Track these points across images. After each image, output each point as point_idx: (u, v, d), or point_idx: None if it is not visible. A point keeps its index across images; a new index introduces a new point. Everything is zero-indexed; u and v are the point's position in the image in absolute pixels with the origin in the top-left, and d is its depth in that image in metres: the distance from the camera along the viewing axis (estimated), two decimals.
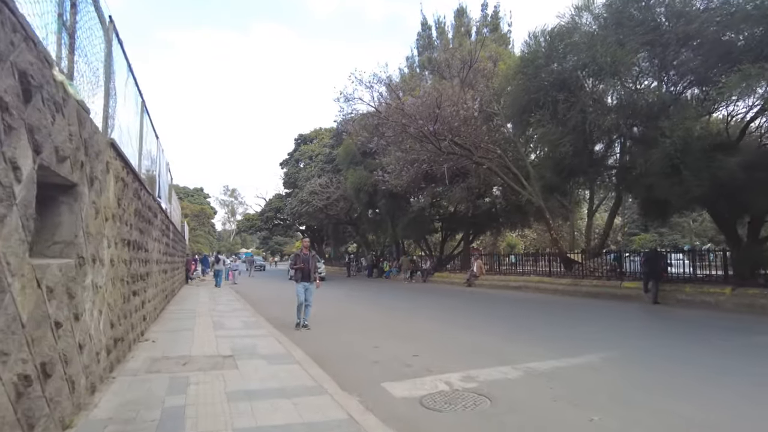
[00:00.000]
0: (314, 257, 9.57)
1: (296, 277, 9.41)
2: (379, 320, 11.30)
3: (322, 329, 9.53)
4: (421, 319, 11.43)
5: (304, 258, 9.39)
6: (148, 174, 9.71)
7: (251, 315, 10.96)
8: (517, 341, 8.27)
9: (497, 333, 9.26)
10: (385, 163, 24.24)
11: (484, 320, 11.39)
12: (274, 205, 54.47)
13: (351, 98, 17.68)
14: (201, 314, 10.81)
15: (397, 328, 9.77)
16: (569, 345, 7.78)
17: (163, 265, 11.08)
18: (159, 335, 7.69)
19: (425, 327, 10.09)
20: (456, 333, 9.16)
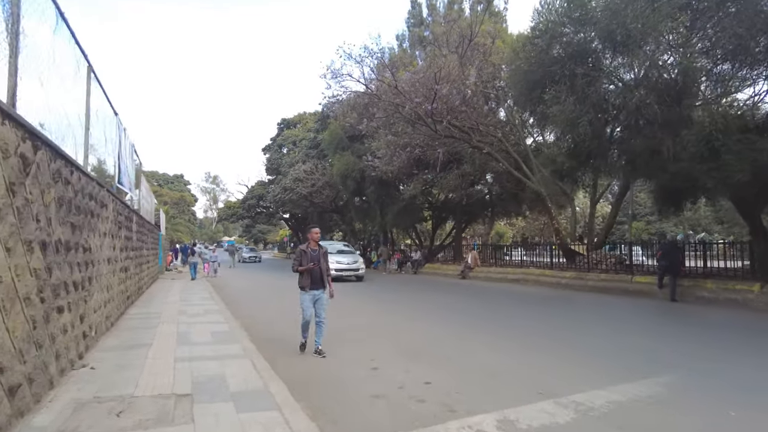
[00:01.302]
0: (326, 254, 7.05)
1: (302, 282, 6.78)
2: (373, 323, 9.85)
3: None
4: (420, 322, 10.01)
5: (313, 255, 6.82)
6: (99, 158, 8.07)
7: (226, 320, 9.41)
8: (543, 354, 6.89)
9: (515, 341, 7.88)
10: (374, 147, 22.69)
11: (493, 322, 10.00)
12: (256, 192, 52.61)
13: (339, 75, 16.04)
14: (166, 320, 9.24)
15: (397, 336, 8.33)
16: (611, 362, 6.41)
17: (122, 263, 9.46)
18: (104, 356, 6.13)
19: (429, 333, 8.66)
20: (467, 343, 7.75)
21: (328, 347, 7.06)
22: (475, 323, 10.04)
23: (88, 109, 7.57)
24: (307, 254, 6.82)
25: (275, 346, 7.56)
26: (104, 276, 7.37)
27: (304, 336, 7.06)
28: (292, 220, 57.80)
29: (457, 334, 8.57)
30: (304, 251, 6.84)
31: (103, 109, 9.11)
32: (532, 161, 19.06)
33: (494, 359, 6.66)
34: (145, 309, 11.03)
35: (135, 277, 11.96)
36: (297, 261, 6.82)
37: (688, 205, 14.60)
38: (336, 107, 25.24)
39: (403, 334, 8.61)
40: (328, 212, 45.02)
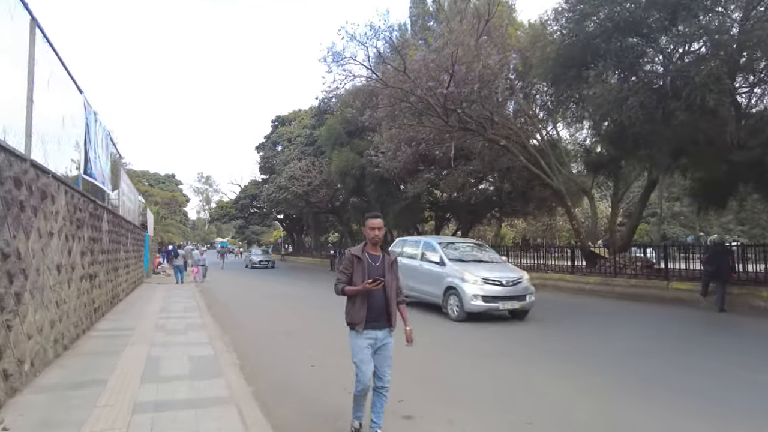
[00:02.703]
0: (394, 264, 4.06)
1: (353, 316, 3.89)
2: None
3: (317, 370, 6.40)
4: (447, 344, 8.36)
5: (373, 266, 3.88)
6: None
7: (210, 340, 7.73)
8: (622, 396, 5.23)
9: (592, 378, 6.21)
10: (376, 142, 21.05)
11: (540, 341, 8.36)
12: (249, 192, 50.85)
13: (341, 58, 14.40)
14: (137, 339, 7.55)
15: (422, 364, 6.67)
16: (724, 407, 4.83)
17: (84, 270, 7.77)
18: (35, 402, 4.46)
19: (463, 363, 7.02)
20: (522, 378, 6.12)
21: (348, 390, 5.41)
22: (513, 340, 8.43)
23: (32, 75, 5.90)
24: (364, 264, 3.81)
25: (274, 378, 5.91)
26: (50, 289, 5.67)
27: (356, 415, 4.04)
28: (287, 221, 56.09)
29: (500, 359, 6.95)
30: (358, 258, 3.83)
31: (60, 82, 7.45)
32: (549, 156, 17.51)
33: (579, 406, 5.03)
34: (116, 323, 9.33)
35: (107, 285, 10.26)
36: (344, 274, 3.87)
37: (680, 206, 12.98)
38: (335, 99, 23.63)
39: (429, 363, 6.96)
40: (324, 212, 43.36)
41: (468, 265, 10.69)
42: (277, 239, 73.55)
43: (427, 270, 11.28)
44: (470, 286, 9.93)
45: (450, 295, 10.33)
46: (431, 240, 12.20)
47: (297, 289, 19.06)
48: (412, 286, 11.33)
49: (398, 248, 12.90)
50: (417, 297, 11.60)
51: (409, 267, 11.68)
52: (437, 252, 11.21)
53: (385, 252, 4.01)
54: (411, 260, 11.90)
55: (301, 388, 5.57)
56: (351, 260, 3.88)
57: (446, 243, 11.91)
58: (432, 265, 11.21)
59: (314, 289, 18.73)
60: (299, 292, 17.85)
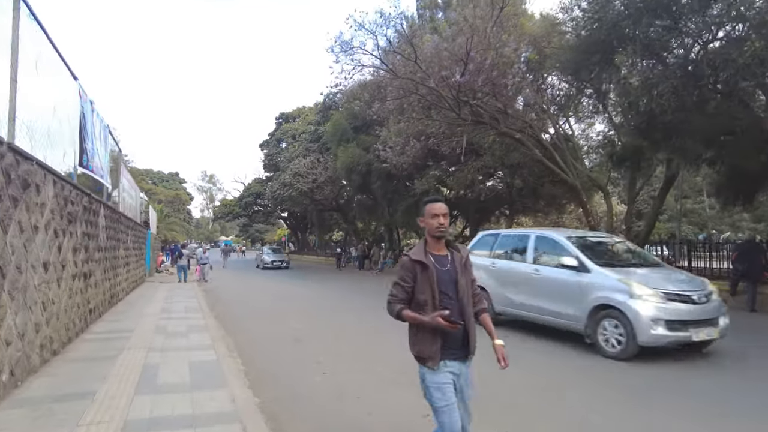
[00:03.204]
0: (467, 264, 2.87)
1: (421, 346, 2.72)
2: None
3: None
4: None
5: (443, 272, 2.72)
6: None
7: (212, 343, 7.16)
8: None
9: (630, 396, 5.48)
10: (383, 137, 20.44)
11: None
12: (253, 189, 50.34)
13: (349, 47, 13.80)
14: (135, 343, 7.00)
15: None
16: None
17: (77, 269, 7.22)
18: (14, 418, 3.91)
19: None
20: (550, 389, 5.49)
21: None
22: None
23: (15, 54, 5.35)
24: (431, 272, 2.69)
25: (282, 387, 5.34)
26: (35, 288, 5.12)
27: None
28: (291, 219, 55.56)
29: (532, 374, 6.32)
30: (423, 266, 2.70)
31: (51, 67, 6.90)
32: (564, 150, 16.88)
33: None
34: (114, 324, 8.80)
35: (104, 284, 9.71)
36: (401, 288, 2.73)
37: (688, 203, 12.30)
38: (341, 93, 23.04)
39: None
40: (328, 210, 42.81)
41: (628, 272, 7.25)
42: (281, 237, 73.08)
43: (552, 279, 7.77)
44: (644, 304, 6.57)
45: (604, 318, 6.89)
46: (554, 234, 8.50)
47: (303, 288, 18.50)
48: (519, 301, 8.35)
49: (484, 246, 9.69)
50: (526, 316, 8.30)
51: (510, 273, 8.68)
52: (570, 252, 7.65)
53: (452, 249, 2.83)
54: (513, 263, 8.73)
55: (313, 399, 5.01)
56: (412, 269, 2.69)
57: (577, 238, 8.26)
58: (561, 271, 7.63)
59: (321, 289, 18.20)
60: (305, 291, 17.29)
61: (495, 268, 8.95)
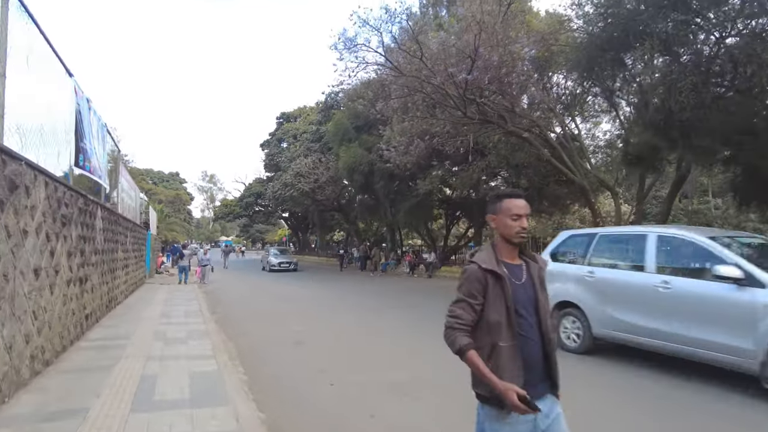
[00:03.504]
0: (542, 276, 2.24)
1: (488, 390, 2.01)
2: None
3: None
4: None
5: (515, 287, 2.12)
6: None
7: (213, 351, 6.84)
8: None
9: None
10: (387, 137, 20.14)
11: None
12: (254, 189, 50.09)
13: (353, 44, 13.47)
14: (132, 351, 6.67)
15: None
16: None
17: (72, 273, 6.91)
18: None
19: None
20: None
21: None
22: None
23: (3, 45, 5.03)
24: (505, 285, 2.08)
25: (288, 401, 5.02)
26: (24, 297, 4.80)
27: None
28: (292, 219, 55.29)
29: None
30: (496, 276, 2.09)
31: (44, 62, 6.58)
32: (571, 150, 16.58)
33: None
34: (111, 330, 8.47)
35: (101, 289, 9.39)
36: (468, 306, 2.08)
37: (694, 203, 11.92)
38: (343, 93, 22.72)
39: None
40: (329, 211, 42.51)
41: None
42: (282, 238, 72.78)
43: (696, 295, 5.79)
44: None
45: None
46: (689, 233, 6.35)
47: (304, 290, 18.16)
48: (635, 324, 6.33)
49: (573, 250, 7.74)
50: (647, 344, 6.27)
51: (619, 286, 6.73)
52: (726, 258, 5.64)
53: (526, 257, 2.24)
54: (623, 273, 6.81)
55: (322, 414, 4.69)
56: (483, 280, 2.07)
57: (728, 238, 6.32)
58: (710, 284, 5.66)
59: (323, 291, 17.86)
60: (307, 293, 16.94)
61: (594, 278, 6.98)
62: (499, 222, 2.19)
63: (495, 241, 2.25)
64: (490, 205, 2.27)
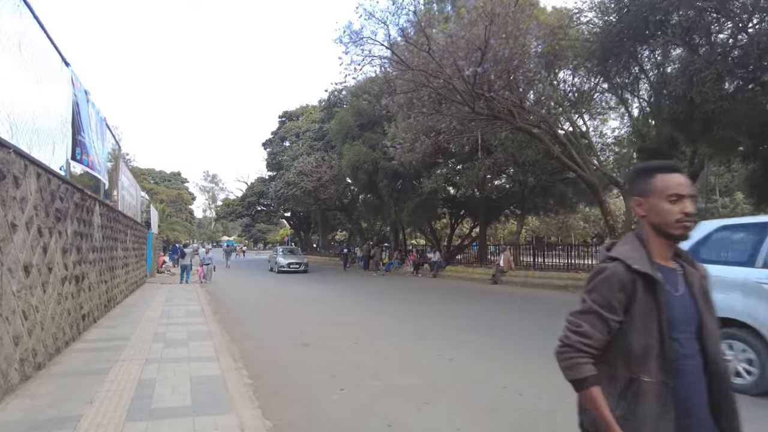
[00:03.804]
0: (705, 286, 1.61)
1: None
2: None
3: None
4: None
5: (672, 302, 1.50)
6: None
7: (215, 354, 6.48)
8: None
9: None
10: (392, 134, 19.77)
11: None
12: (256, 189, 49.72)
13: (359, 38, 13.10)
14: (129, 354, 6.33)
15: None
16: None
17: (68, 272, 6.57)
18: None
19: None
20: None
21: None
22: None
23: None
24: (662, 296, 1.49)
25: (296, 407, 4.66)
26: (13, 295, 4.45)
27: None
28: (294, 219, 54.93)
29: None
30: (648, 281, 1.50)
31: (38, 51, 6.24)
32: (580, 147, 16.23)
33: None
34: (109, 331, 8.12)
35: (99, 288, 9.06)
36: (603, 318, 1.49)
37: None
38: (348, 89, 22.38)
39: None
40: (332, 210, 42.16)
41: None
42: (284, 237, 72.44)
43: None
44: None
45: None
46: None
47: (308, 289, 17.80)
48: None
49: (733, 248, 5.64)
50: None
51: None
52: None
53: (683, 259, 1.65)
54: None
55: (334, 423, 4.33)
56: (627, 287, 1.50)
57: None
58: None
59: (327, 290, 17.48)
60: (311, 293, 16.58)
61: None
62: (649, 206, 1.57)
63: (641, 232, 1.62)
64: (634, 184, 1.65)
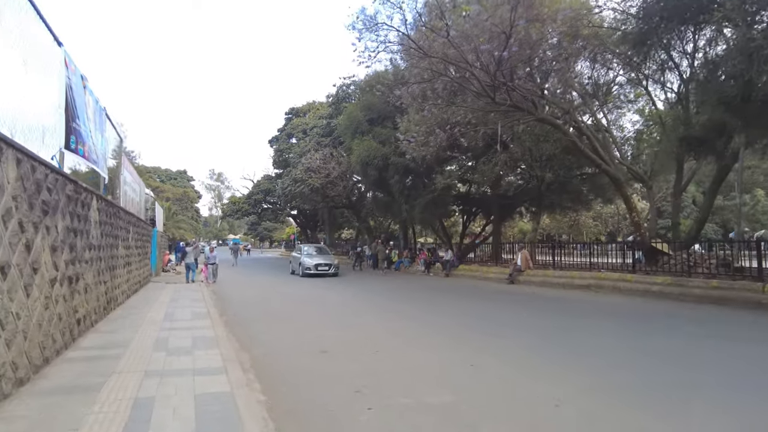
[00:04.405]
0: None
1: None
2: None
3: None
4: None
5: None
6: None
7: (223, 365, 5.77)
8: None
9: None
10: (404, 127, 19.00)
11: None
12: (263, 186, 49.11)
13: (374, 23, 12.32)
14: (127, 365, 5.63)
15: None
16: None
17: (59, 272, 5.87)
18: None
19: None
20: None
21: None
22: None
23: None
24: None
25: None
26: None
27: None
28: (301, 217, 54.26)
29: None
30: None
31: (22, 21, 5.54)
32: (606, 140, 15.44)
33: None
34: (107, 336, 7.43)
35: (98, 289, 8.37)
36: None
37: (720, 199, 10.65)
38: (358, 81, 21.66)
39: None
40: (339, 208, 41.43)
41: None
42: (290, 236, 71.81)
43: None
44: None
45: None
46: None
47: (319, 289, 17.06)
48: None
49: None
50: None
51: None
52: None
53: None
54: None
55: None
56: None
57: None
58: None
59: (338, 290, 16.66)
60: (322, 292, 15.83)
61: None
62: None
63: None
64: None
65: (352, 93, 31.31)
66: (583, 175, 22.20)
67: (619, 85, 19.70)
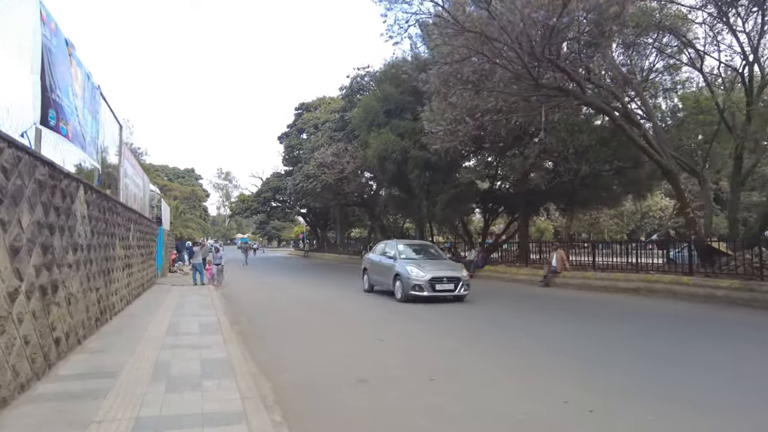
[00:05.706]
0: None
1: None
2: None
3: None
4: None
5: None
6: None
7: (241, 403, 4.32)
8: None
9: None
10: (428, 116, 17.48)
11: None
12: (272, 184, 47.86)
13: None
14: (114, 404, 4.20)
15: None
16: None
17: (39, 278, 4.46)
18: None
19: None
20: None
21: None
22: None
23: None
24: None
25: None
26: None
27: None
28: (310, 215, 52.92)
29: None
30: None
31: None
32: (658, 128, 13.88)
33: None
34: (95, 358, 5.98)
35: (88, 297, 6.95)
36: None
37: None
38: (369, 77, 20.28)
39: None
40: (352, 205, 40.02)
41: None
42: (299, 235, 70.52)
43: None
44: None
45: None
46: None
47: (340, 294, 15.45)
48: None
49: None
50: None
51: None
52: None
53: None
54: None
55: None
56: None
57: None
58: None
59: (362, 298, 14.45)
60: (343, 299, 14.19)
61: None
62: None
63: None
64: None
65: (366, 84, 29.84)
66: (616, 169, 20.58)
67: (658, 72, 18.19)
